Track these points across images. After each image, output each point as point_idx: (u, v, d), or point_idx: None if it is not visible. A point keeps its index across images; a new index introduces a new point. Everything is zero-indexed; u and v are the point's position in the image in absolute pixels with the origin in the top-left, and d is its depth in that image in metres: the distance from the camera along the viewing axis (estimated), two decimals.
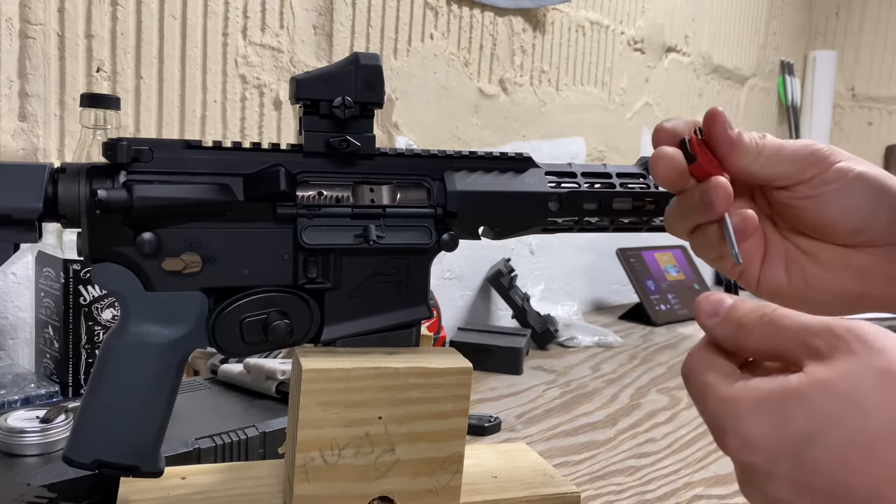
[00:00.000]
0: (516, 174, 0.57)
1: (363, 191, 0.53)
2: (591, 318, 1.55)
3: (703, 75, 2.04)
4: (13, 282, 0.83)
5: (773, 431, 0.32)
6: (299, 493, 0.50)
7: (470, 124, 1.34)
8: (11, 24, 0.80)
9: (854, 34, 2.63)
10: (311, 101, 0.51)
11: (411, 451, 0.52)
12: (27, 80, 0.81)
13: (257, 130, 1.02)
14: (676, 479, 0.77)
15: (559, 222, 0.58)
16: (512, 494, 0.59)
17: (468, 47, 1.31)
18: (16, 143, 0.81)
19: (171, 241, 0.49)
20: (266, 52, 1.01)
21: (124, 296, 0.49)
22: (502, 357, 1.11)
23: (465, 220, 0.55)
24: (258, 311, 0.51)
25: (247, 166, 0.50)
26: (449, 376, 0.52)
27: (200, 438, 0.61)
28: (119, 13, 0.87)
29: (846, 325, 0.32)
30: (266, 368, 0.72)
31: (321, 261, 0.52)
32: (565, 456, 0.81)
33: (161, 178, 0.48)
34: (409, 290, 0.54)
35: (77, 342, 0.74)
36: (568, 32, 1.53)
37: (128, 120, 0.89)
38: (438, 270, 1.28)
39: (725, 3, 2.09)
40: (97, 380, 0.49)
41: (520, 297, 1.29)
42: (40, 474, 0.53)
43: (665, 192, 0.60)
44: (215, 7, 0.95)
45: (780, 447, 0.31)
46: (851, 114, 2.66)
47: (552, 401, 1.00)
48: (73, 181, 0.47)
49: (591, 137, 1.64)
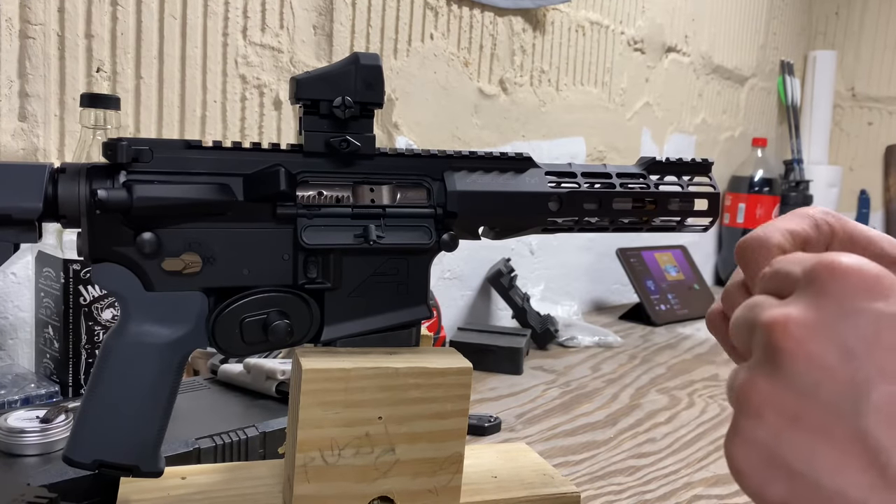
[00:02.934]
0: (516, 174, 0.57)
1: (363, 191, 0.53)
2: (591, 318, 1.55)
3: (703, 75, 2.04)
4: (13, 282, 0.83)
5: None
6: (299, 493, 0.50)
7: (470, 124, 1.34)
8: (11, 24, 0.80)
9: (854, 34, 2.63)
10: (311, 101, 0.51)
11: (411, 452, 0.52)
12: (27, 80, 0.81)
13: (257, 130, 1.02)
14: (676, 479, 0.77)
15: (559, 222, 0.58)
16: (512, 494, 0.59)
17: (468, 47, 1.31)
18: (16, 143, 0.81)
19: (171, 241, 0.49)
20: (266, 52, 1.01)
21: (124, 296, 0.49)
22: (502, 357, 1.11)
23: (465, 220, 0.55)
24: (258, 311, 0.51)
25: (247, 166, 0.50)
26: (449, 376, 0.52)
27: (200, 438, 0.61)
28: (119, 13, 0.87)
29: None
30: (266, 368, 0.72)
31: (321, 261, 0.52)
32: (565, 456, 0.81)
33: (161, 178, 0.48)
34: (409, 290, 0.54)
35: (77, 342, 0.74)
36: (568, 32, 1.53)
37: (128, 120, 0.89)
38: (438, 270, 1.28)
39: (725, 3, 2.09)
40: (97, 380, 0.50)
41: (520, 297, 1.29)
42: (40, 474, 0.53)
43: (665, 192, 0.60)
44: (215, 7, 0.95)
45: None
46: (851, 114, 2.66)
47: (552, 401, 1.00)
48: (73, 181, 0.47)
49: (591, 137, 1.64)
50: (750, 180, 2.14)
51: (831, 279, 0.30)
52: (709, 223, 0.63)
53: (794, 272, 0.32)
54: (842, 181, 2.53)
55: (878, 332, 0.28)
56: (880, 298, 0.29)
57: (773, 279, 0.34)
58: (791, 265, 0.32)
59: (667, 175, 0.61)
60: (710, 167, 0.63)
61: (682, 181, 0.61)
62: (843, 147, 2.67)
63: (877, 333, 0.28)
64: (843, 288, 0.30)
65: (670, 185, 0.61)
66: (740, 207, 2.14)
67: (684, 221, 0.62)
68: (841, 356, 0.29)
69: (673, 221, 0.61)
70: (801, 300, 0.31)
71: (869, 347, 0.28)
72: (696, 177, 0.62)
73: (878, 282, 0.29)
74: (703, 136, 2.09)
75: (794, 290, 0.32)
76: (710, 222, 0.63)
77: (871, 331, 0.29)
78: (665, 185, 0.61)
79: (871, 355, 0.28)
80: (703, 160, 0.62)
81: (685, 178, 0.61)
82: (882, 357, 0.28)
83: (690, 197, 0.61)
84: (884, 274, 0.30)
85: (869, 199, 2.63)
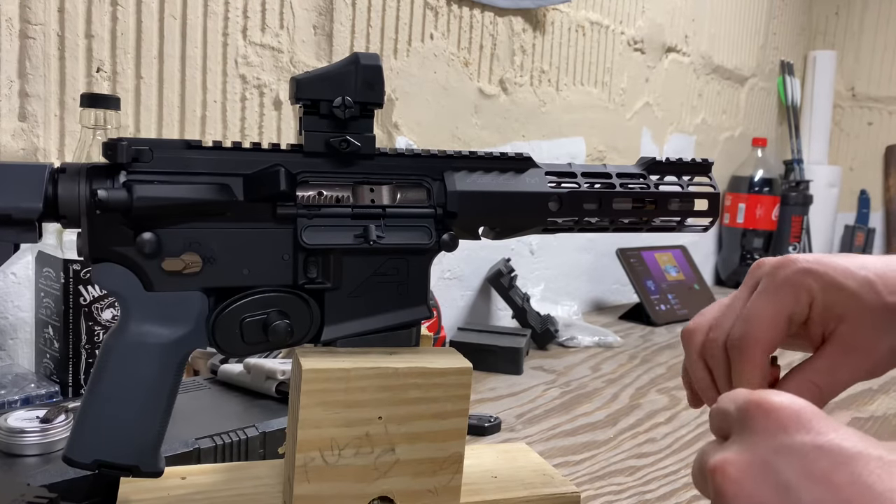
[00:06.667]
0: (516, 174, 0.57)
1: (363, 191, 0.53)
2: (591, 318, 1.55)
3: (703, 75, 2.04)
4: (13, 282, 0.83)
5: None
6: (299, 493, 0.50)
7: (470, 124, 1.34)
8: (11, 24, 0.80)
9: (854, 34, 2.63)
10: (311, 101, 0.51)
11: (411, 452, 0.52)
12: (27, 80, 0.81)
13: (257, 130, 1.02)
14: (676, 479, 0.77)
15: (559, 222, 0.58)
16: (512, 494, 0.59)
17: (468, 47, 1.31)
18: (16, 143, 0.81)
19: (171, 241, 0.49)
20: (266, 52, 1.01)
21: (124, 296, 0.49)
22: (502, 357, 1.11)
23: (465, 220, 0.55)
24: (258, 311, 0.51)
25: (247, 166, 0.50)
26: (449, 376, 0.52)
27: (200, 438, 0.61)
28: (119, 13, 0.87)
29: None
30: (266, 368, 0.72)
31: (321, 261, 0.52)
32: (565, 456, 0.81)
33: (161, 178, 0.48)
34: (409, 290, 0.54)
35: (77, 342, 0.74)
36: (568, 32, 1.53)
37: (128, 120, 0.89)
38: (438, 270, 1.28)
39: (725, 3, 2.09)
40: (97, 380, 0.50)
41: (520, 297, 1.29)
42: (40, 474, 0.53)
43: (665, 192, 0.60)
44: (215, 7, 0.95)
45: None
46: (851, 114, 2.66)
47: (552, 401, 1.00)
48: (73, 181, 0.47)
49: (591, 137, 1.64)
50: (750, 180, 2.14)
51: (759, 417, 0.33)
52: (709, 223, 0.63)
53: (730, 411, 0.35)
54: (842, 181, 2.53)
55: (806, 465, 0.31)
56: (803, 431, 0.32)
57: (716, 418, 0.37)
58: (728, 403, 0.36)
59: (667, 175, 0.61)
60: (710, 167, 0.63)
61: (682, 181, 0.61)
62: (843, 147, 2.67)
63: (805, 466, 0.31)
64: (769, 425, 0.33)
65: (670, 185, 0.61)
66: (740, 207, 2.14)
67: (684, 221, 0.62)
68: (778, 492, 0.31)
69: (673, 221, 0.61)
70: (736, 441, 0.34)
71: (801, 479, 0.31)
72: (696, 177, 0.62)
73: (798, 417, 0.33)
74: (702, 136, 2.09)
75: (731, 429, 0.35)
76: (710, 222, 0.63)
77: (800, 464, 0.31)
78: (665, 186, 0.61)
79: (805, 486, 0.30)
80: (703, 160, 0.62)
81: (685, 178, 0.61)
82: (814, 489, 0.30)
83: (690, 197, 0.61)
84: (805, 408, 0.33)
85: (869, 199, 2.63)
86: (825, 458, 0.31)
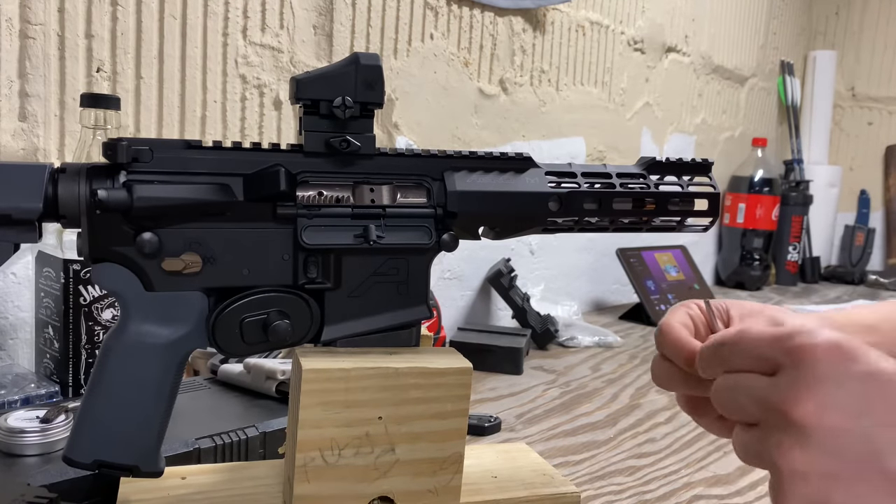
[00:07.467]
0: (516, 174, 0.57)
1: (363, 191, 0.53)
2: (591, 318, 1.55)
3: (703, 75, 2.04)
4: (13, 282, 0.83)
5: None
6: (299, 493, 0.50)
7: (470, 124, 1.34)
8: (11, 24, 0.80)
9: (854, 34, 2.63)
10: (311, 101, 0.51)
11: (411, 451, 0.52)
12: (27, 80, 0.81)
13: (257, 130, 1.02)
14: (676, 479, 0.77)
15: (559, 222, 0.58)
16: (512, 494, 0.59)
17: (468, 47, 1.31)
18: (16, 143, 0.81)
19: (172, 241, 0.49)
20: (266, 52, 1.01)
21: (124, 296, 0.49)
22: (502, 357, 1.11)
23: (465, 220, 0.55)
24: (258, 311, 0.51)
25: (247, 166, 0.50)
26: (449, 376, 0.52)
27: (200, 438, 0.61)
28: (119, 13, 0.87)
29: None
30: (266, 368, 0.72)
31: (321, 261, 0.52)
32: (565, 456, 0.81)
33: (161, 178, 0.48)
34: (409, 290, 0.54)
35: (77, 342, 0.74)
36: (568, 32, 1.53)
37: (128, 120, 0.89)
38: (438, 270, 1.28)
39: (725, 3, 2.09)
40: (97, 380, 0.49)
41: (520, 297, 1.29)
42: (40, 474, 0.53)
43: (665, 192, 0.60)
44: (215, 7, 0.95)
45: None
46: (851, 114, 2.66)
47: (552, 401, 1.00)
48: (73, 181, 0.47)
49: (591, 137, 1.64)
50: (750, 180, 2.14)
51: (815, 359, 0.37)
52: (709, 223, 0.63)
53: (773, 356, 0.38)
54: (842, 181, 2.53)
55: (866, 391, 0.35)
56: (851, 361, 0.36)
57: (745, 358, 0.40)
58: (765, 349, 0.39)
59: (667, 175, 0.61)
60: (710, 167, 0.63)
61: (682, 181, 0.61)
62: (843, 147, 2.67)
63: (865, 392, 0.35)
64: (826, 362, 0.36)
65: (670, 185, 0.61)
66: (740, 207, 2.14)
67: (684, 221, 0.62)
68: (850, 420, 0.35)
69: (673, 221, 0.61)
70: (796, 381, 0.37)
71: (867, 404, 0.35)
72: (696, 177, 0.62)
73: (843, 349, 0.37)
74: (703, 136, 2.09)
75: (777, 369, 0.38)
76: (710, 222, 0.63)
77: (861, 390, 0.36)
78: (665, 186, 0.61)
79: (871, 410, 0.35)
80: (703, 160, 0.62)
81: (685, 178, 0.61)
82: (879, 408, 0.35)
83: (690, 197, 0.61)
84: (845, 340, 0.37)
85: (869, 199, 2.63)
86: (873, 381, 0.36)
